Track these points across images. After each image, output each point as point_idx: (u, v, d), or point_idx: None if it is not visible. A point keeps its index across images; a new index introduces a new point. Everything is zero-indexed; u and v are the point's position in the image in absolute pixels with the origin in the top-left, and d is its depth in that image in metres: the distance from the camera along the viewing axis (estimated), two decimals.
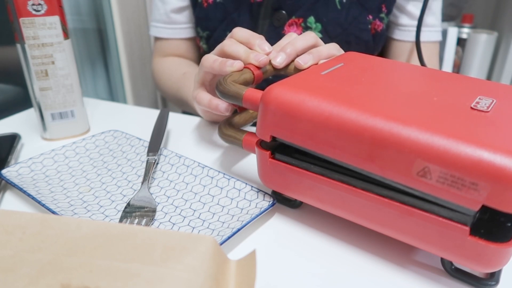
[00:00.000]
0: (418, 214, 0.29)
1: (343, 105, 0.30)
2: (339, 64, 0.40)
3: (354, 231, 0.36)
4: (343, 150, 0.30)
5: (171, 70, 0.74)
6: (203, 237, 0.26)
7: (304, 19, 0.64)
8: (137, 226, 0.34)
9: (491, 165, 0.25)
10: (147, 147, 0.47)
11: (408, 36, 0.71)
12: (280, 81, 0.35)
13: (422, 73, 0.40)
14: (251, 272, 0.25)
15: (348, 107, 0.30)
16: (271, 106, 0.33)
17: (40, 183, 0.42)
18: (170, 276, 0.24)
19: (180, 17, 0.74)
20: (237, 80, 0.41)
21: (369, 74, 0.38)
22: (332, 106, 0.30)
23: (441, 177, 0.26)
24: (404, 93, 0.33)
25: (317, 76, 0.36)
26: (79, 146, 0.48)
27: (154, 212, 0.38)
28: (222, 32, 0.68)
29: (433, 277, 0.31)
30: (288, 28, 0.65)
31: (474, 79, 0.38)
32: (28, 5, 0.47)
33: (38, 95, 0.52)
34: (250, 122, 0.47)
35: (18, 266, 0.24)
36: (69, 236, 0.26)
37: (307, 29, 0.64)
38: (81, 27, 1.06)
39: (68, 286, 0.23)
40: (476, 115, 0.29)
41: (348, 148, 0.30)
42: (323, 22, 0.64)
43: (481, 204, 0.26)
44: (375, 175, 0.29)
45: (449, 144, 0.26)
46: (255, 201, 0.38)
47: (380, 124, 0.28)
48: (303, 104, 0.31)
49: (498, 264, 0.27)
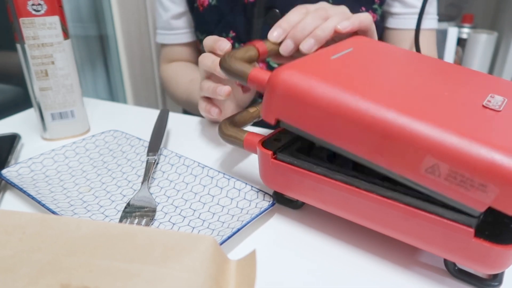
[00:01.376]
0: (422, 215, 0.28)
1: (355, 94, 0.29)
2: (348, 49, 0.39)
3: (355, 232, 0.36)
4: (351, 140, 0.29)
5: (178, 77, 0.76)
6: (203, 237, 0.26)
7: None
8: (137, 226, 0.34)
9: (502, 168, 0.24)
10: (147, 147, 0.47)
11: (403, 24, 0.70)
12: (289, 63, 0.33)
13: (430, 64, 0.39)
14: (251, 272, 0.25)
15: (360, 97, 0.29)
16: (279, 89, 0.32)
17: (40, 183, 0.42)
18: (170, 276, 0.24)
19: (179, 22, 0.76)
20: (243, 57, 0.40)
21: (378, 62, 0.37)
22: (343, 94, 0.29)
23: (450, 175, 0.26)
24: (414, 85, 0.33)
25: (327, 61, 0.35)
26: (79, 146, 0.48)
27: (154, 212, 0.38)
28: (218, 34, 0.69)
29: (436, 278, 0.31)
30: None
31: (483, 74, 0.37)
32: (28, 5, 0.47)
33: (38, 95, 0.52)
34: (251, 122, 0.47)
35: (18, 266, 0.24)
36: (69, 236, 0.26)
37: None
38: (81, 27, 1.06)
39: (68, 286, 0.23)
40: (488, 114, 0.29)
41: (357, 139, 0.29)
42: None
43: (487, 206, 0.25)
44: (382, 169, 0.29)
45: (461, 143, 0.25)
46: (255, 201, 0.38)
47: (393, 117, 0.27)
48: (313, 90, 0.30)
49: (502, 265, 0.27)
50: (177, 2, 0.74)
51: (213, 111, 0.50)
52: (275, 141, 0.37)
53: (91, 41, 1.10)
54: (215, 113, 0.50)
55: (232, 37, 0.69)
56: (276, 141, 0.37)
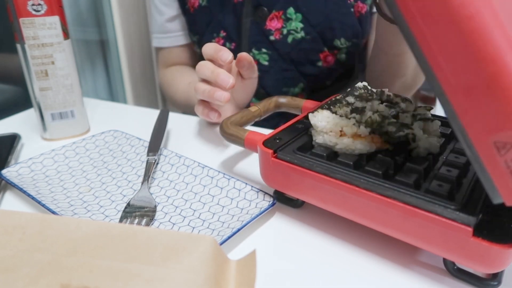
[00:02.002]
0: (421, 214, 0.28)
1: None
2: None
3: (355, 231, 0.36)
4: None
5: (175, 81, 0.76)
6: (203, 237, 0.26)
7: (284, 11, 0.65)
8: (137, 226, 0.34)
9: None
10: (147, 147, 0.47)
11: None
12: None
13: None
14: (251, 272, 0.25)
15: None
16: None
17: (40, 183, 0.42)
18: (170, 276, 0.24)
19: (173, 25, 0.77)
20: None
21: None
22: None
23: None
24: None
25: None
26: (79, 146, 0.48)
27: (154, 212, 0.38)
28: (210, 35, 0.70)
29: (435, 277, 0.31)
30: (269, 22, 0.65)
31: None
32: (28, 5, 0.47)
33: (38, 95, 0.52)
34: (252, 121, 0.47)
35: (18, 266, 0.24)
36: (69, 237, 0.26)
37: (287, 21, 0.65)
38: (81, 27, 1.06)
39: (68, 286, 0.23)
40: None
41: None
42: (303, 11, 0.64)
43: None
44: (453, 113, 0.24)
45: None
46: (255, 201, 0.38)
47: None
48: None
49: (501, 265, 0.27)
50: (170, 5, 0.75)
51: (212, 115, 0.49)
52: (275, 140, 0.37)
53: (92, 41, 1.10)
54: (214, 117, 0.49)
55: (223, 36, 0.69)
56: (276, 140, 0.37)
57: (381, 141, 0.34)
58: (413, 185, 0.30)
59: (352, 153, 0.34)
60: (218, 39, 0.69)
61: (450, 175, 0.31)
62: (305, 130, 0.39)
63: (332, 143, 0.35)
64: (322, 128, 0.35)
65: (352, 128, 0.34)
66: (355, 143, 0.34)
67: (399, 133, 0.33)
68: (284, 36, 0.65)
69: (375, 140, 0.34)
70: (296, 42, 0.65)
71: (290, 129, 0.39)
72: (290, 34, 0.65)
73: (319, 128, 0.35)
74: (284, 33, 0.65)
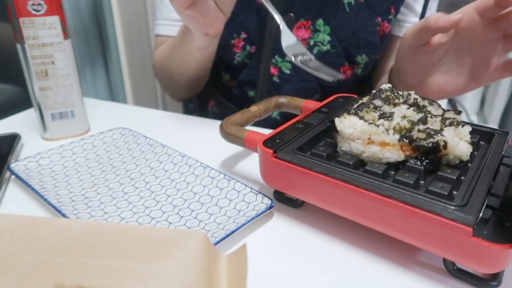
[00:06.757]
0: (421, 214, 0.28)
1: None
2: None
3: (355, 231, 0.36)
4: None
5: (164, 48, 0.71)
6: (194, 233, 0.27)
7: (313, 22, 0.63)
8: (128, 224, 0.34)
9: None
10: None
11: None
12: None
13: None
14: (242, 265, 0.25)
15: None
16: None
17: (46, 177, 0.43)
18: (163, 272, 0.24)
19: None
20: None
21: None
22: None
23: None
24: None
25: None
26: (87, 142, 0.49)
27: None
28: (229, 35, 0.66)
29: (435, 277, 0.31)
30: (297, 31, 0.64)
31: None
32: (28, 5, 0.47)
33: (38, 95, 0.52)
34: (252, 121, 0.47)
35: (8, 269, 0.24)
36: (59, 237, 0.26)
37: (315, 32, 0.64)
38: (81, 27, 1.06)
39: (62, 286, 0.23)
40: None
41: None
42: (332, 25, 0.63)
43: None
44: None
45: None
46: (253, 203, 0.38)
47: None
48: None
49: (501, 265, 0.27)
50: None
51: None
52: (275, 140, 0.37)
53: (92, 41, 1.10)
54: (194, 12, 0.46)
55: (244, 38, 0.66)
56: (276, 140, 0.37)
57: (410, 149, 0.33)
58: (412, 185, 0.30)
59: (380, 162, 0.33)
60: (238, 40, 0.66)
61: (450, 175, 0.31)
62: (305, 130, 0.39)
63: (359, 151, 0.33)
64: (349, 135, 0.34)
65: (381, 136, 0.33)
66: (383, 151, 0.32)
67: (430, 140, 0.32)
68: (310, 47, 0.64)
69: (404, 148, 0.33)
70: (321, 54, 0.64)
71: (290, 129, 0.40)
72: (316, 45, 0.64)
73: (346, 135, 0.34)
74: (310, 44, 0.64)
